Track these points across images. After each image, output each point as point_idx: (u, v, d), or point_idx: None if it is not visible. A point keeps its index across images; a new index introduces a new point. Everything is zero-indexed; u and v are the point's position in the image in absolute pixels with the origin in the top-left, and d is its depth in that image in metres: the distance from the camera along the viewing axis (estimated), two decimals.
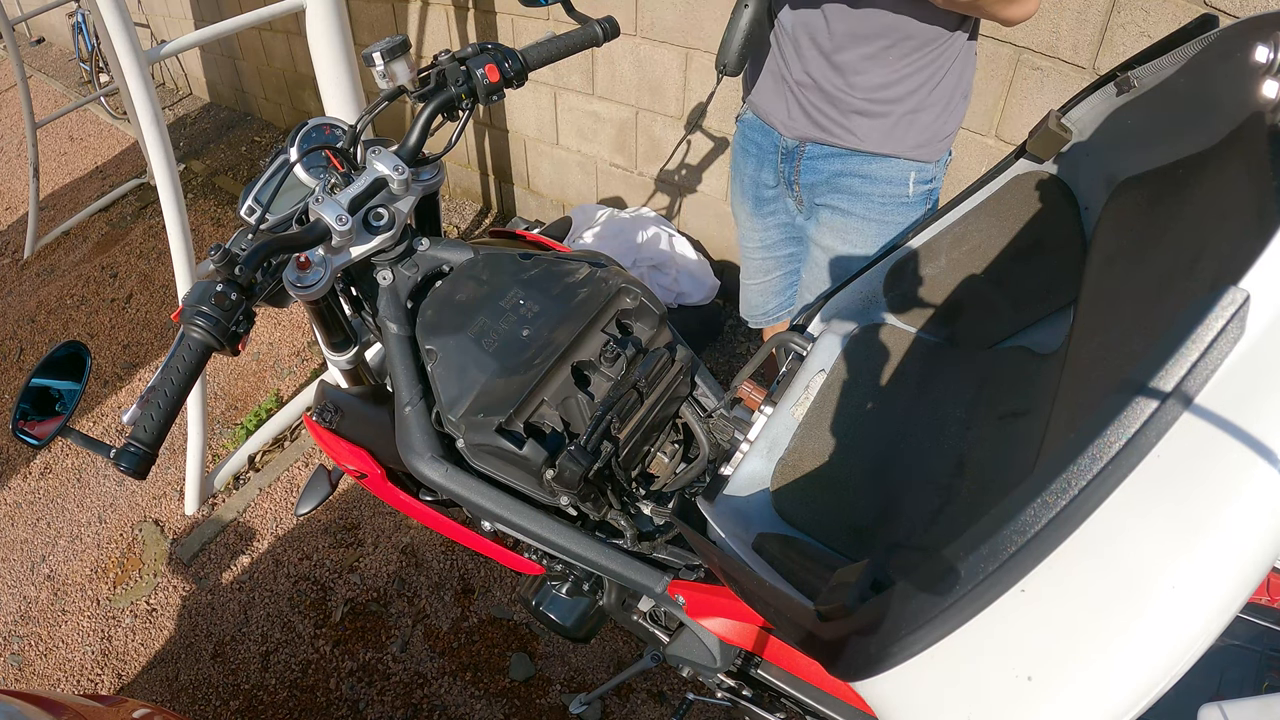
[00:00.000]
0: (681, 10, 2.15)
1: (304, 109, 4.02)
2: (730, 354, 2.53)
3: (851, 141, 1.26)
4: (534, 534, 1.00)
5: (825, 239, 1.39)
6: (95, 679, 1.97)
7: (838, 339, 1.11)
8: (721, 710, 1.68)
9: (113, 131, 4.87)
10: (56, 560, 2.26)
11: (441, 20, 2.90)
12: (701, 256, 2.54)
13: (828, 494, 0.98)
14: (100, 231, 3.82)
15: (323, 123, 1.12)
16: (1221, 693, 0.94)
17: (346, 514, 2.21)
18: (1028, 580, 0.49)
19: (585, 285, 1.03)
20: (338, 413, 1.16)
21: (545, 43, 1.14)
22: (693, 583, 1.00)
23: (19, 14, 4.86)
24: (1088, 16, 1.51)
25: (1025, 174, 1.01)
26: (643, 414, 0.99)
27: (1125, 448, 0.47)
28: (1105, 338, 0.76)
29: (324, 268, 0.97)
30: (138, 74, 1.65)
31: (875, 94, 1.20)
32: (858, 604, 0.58)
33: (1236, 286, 0.46)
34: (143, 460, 0.80)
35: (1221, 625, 0.46)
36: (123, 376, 2.88)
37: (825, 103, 1.24)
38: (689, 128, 2.37)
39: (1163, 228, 0.77)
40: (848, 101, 1.22)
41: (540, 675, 1.81)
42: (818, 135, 1.29)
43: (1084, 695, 0.48)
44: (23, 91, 3.41)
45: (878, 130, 1.24)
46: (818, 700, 1.06)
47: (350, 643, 1.93)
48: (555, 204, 3.05)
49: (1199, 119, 0.78)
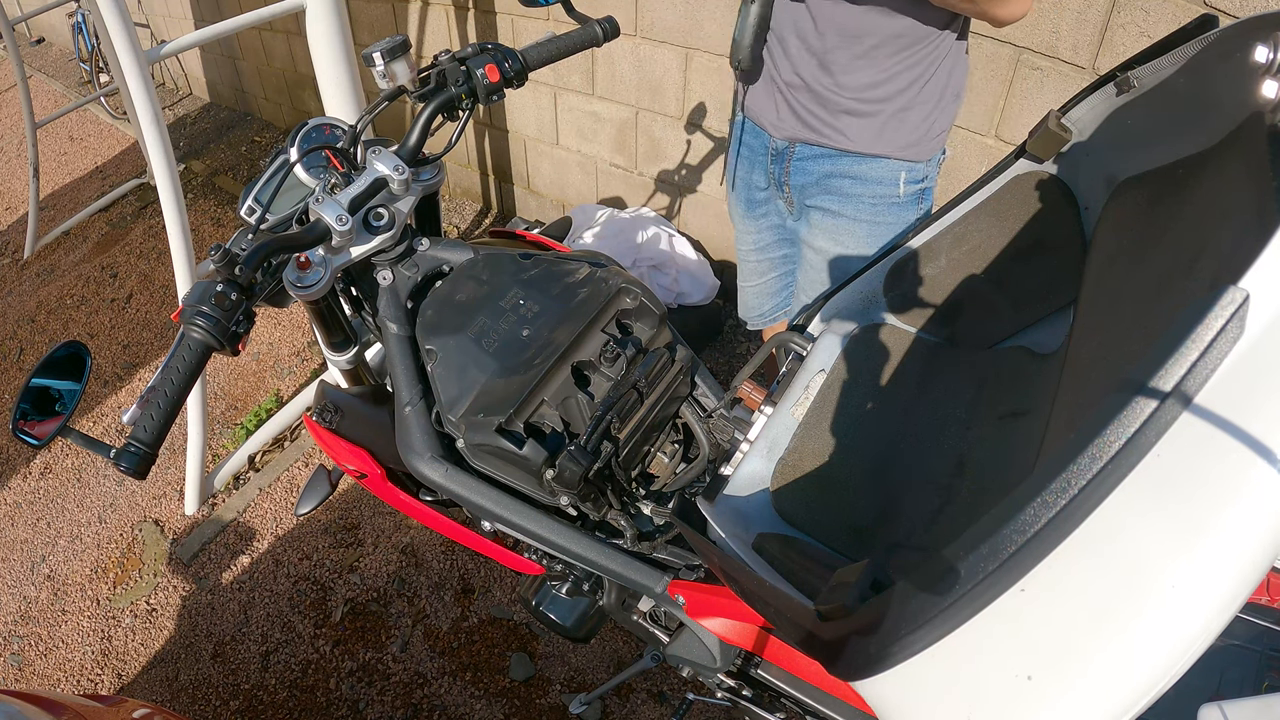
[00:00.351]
0: (681, 10, 2.15)
1: (304, 109, 4.02)
2: (730, 354, 2.53)
3: (841, 142, 1.26)
4: (534, 534, 1.00)
5: (817, 241, 1.39)
6: (95, 679, 1.97)
7: (838, 339, 1.11)
8: (721, 710, 1.68)
9: (113, 131, 4.87)
10: (56, 560, 2.26)
11: (441, 20, 2.90)
12: (701, 256, 2.54)
13: (828, 494, 0.98)
14: (100, 231, 3.82)
15: (323, 123, 1.12)
16: (1221, 693, 0.94)
17: (346, 514, 2.21)
18: (1028, 580, 0.49)
19: (585, 285, 1.03)
20: (338, 413, 1.16)
21: (545, 43, 1.14)
22: (693, 583, 1.00)
23: (19, 14, 4.86)
24: (1088, 16, 1.51)
25: (1025, 174, 1.01)
26: (643, 414, 0.99)
27: (1125, 447, 0.47)
28: (1105, 338, 0.76)
29: (324, 268, 0.97)
30: (138, 74, 1.65)
31: (864, 93, 1.20)
32: (858, 604, 0.58)
33: (1236, 286, 0.46)
34: (143, 460, 0.80)
35: (1221, 625, 0.46)
36: (123, 376, 2.88)
37: (814, 103, 1.24)
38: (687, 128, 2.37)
39: (1163, 228, 0.77)
40: (837, 101, 1.22)
41: (540, 675, 1.81)
42: (807, 136, 1.29)
43: (1084, 695, 0.48)
44: (23, 91, 3.41)
45: (867, 130, 1.24)
46: (818, 700, 1.06)
47: (350, 643, 1.93)
48: (555, 204, 3.05)
49: (1199, 119, 0.78)
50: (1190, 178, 0.77)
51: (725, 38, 2.13)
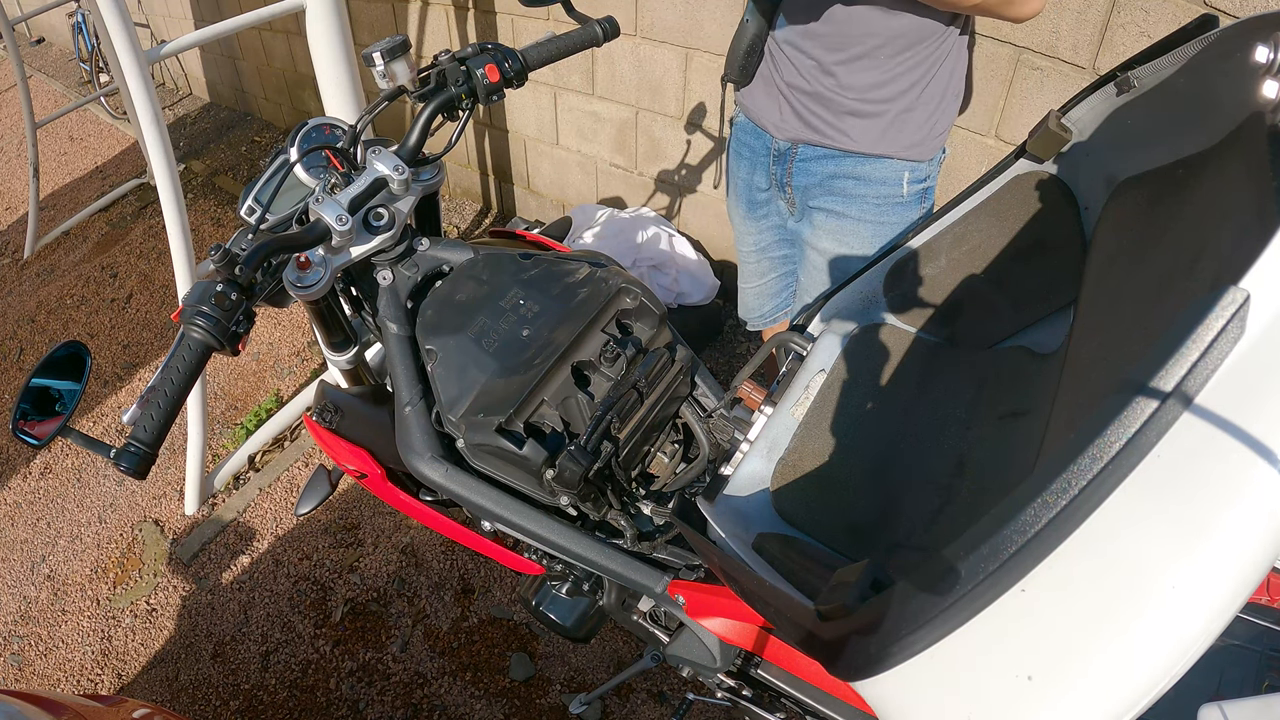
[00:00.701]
0: (681, 10, 2.15)
1: (304, 109, 4.02)
2: (730, 354, 2.53)
3: (845, 143, 1.26)
4: (534, 534, 1.00)
5: (821, 242, 1.38)
6: (95, 679, 1.97)
7: (838, 339, 1.11)
8: (721, 710, 1.68)
9: (113, 131, 4.87)
10: (56, 560, 2.26)
11: (441, 20, 2.90)
12: (701, 256, 2.54)
13: (828, 494, 0.98)
14: (100, 231, 3.82)
15: (323, 123, 1.12)
16: (1221, 693, 0.94)
17: (346, 514, 2.21)
18: (1028, 580, 0.49)
19: (585, 285, 1.03)
20: (338, 413, 1.16)
21: (545, 43, 1.14)
22: (693, 583, 1.00)
23: (19, 14, 4.86)
24: (1088, 16, 1.51)
25: (1025, 174, 1.01)
26: (643, 414, 0.99)
27: (1125, 448, 0.47)
28: (1105, 338, 0.76)
29: (324, 268, 0.97)
30: (138, 74, 1.65)
31: (868, 94, 1.20)
32: (858, 604, 0.58)
33: (1236, 286, 0.46)
34: (143, 460, 0.80)
35: (1221, 625, 0.46)
36: (123, 376, 2.88)
37: (817, 104, 1.25)
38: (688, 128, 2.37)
39: (1163, 228, 0.77)
40: (840, 102, 1.22)
41: (540, 675, 1.81)
42: (810, 137, 1.29)
43: (1084, 695, 0.48)
44: (23, 91, 3.41)
45: (871, 131, 1.24)
46: (818, 700, 1.06)
47: (350, 643, 1.93)
48: (555, 204, 3.05)
49: (1199, 119, 0.78)
50: (1190, 178, 0.77)
51: (725, 38, 2.12)
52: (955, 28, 1.17)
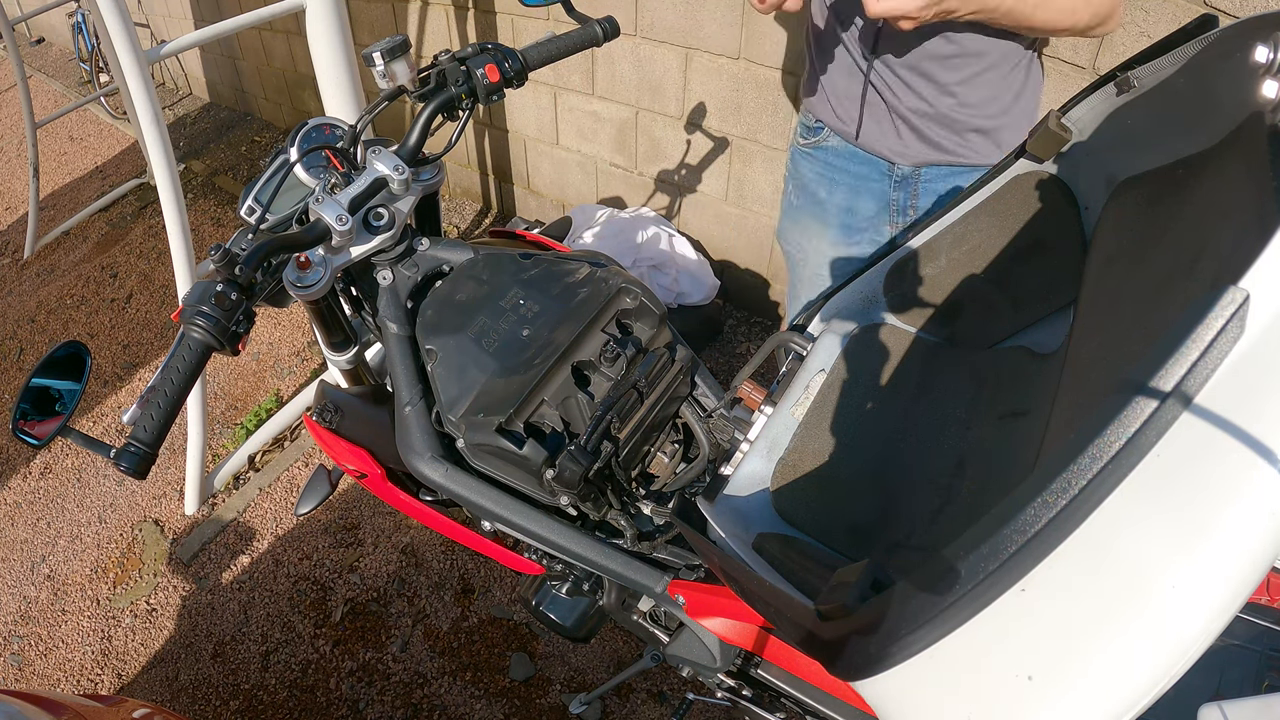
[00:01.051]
0: (681, 10, 2.15)
1: (304, 109, 4.02)
2: (730, 354, 2.53)
3: (971, 157, 1.31)
4: (534, 534, 1.00)
5: None
6: (95, 679, 1.97)
7: (838, 339, 1.11)
8: (721, 710, 1.68)
9: (113, 131, 4.87)
10: (56, 560, 2.26)
11: (441, 20, 2.90)
12: (701, 256, 2.54)
13: (828, 494, 0.98)
14: (100, 231, 3.82)
15: (323, 123, 1.12)
16: (1221, 693, 0.94)
17: (346, 514, 2.21)
18: (1028, 580, 0.49)
19: (585, 285, 1.03)
20: (338, 413, 1.16)
21: (545, 43, 1.14)
22: (693, 583, 1.00)
23: (19, 14, 4.86)
24: None
25: (1025, 174, 1.01)
26: (643, 414, 0.99)
27: (1125, 448, 0.47)
28: (1105, 338, 0.76)
29: (324, 268, 0.97)
30: (138, 74, 1.65)
31: (986, 108, 1.26)
32: (858, 604, 0.58)
33: (1236, 286, 0.46)
34: (143, 460, 0.80)
35: (1221, 625, 0.46)
36: (123, 376, 2.88)
37: (941, 126, 1.28)
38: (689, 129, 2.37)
39: (1163, 228, 0.77)
40: (965, 121, 1.27)
41: (540, 675, 1.82)
42: (937, 158, 1.32)
43: (1084, 695, 0.48)
44: (23, 91, 3.41)
45: (990, 143, 1.30)
46: (818, 700, 1.06)
47: (350, 643, 1.93)
48: (555, 204, 3.05)
49: (1199, 119, 0.78)
50: (1190, 178, 0.77)
51: (725, 38, 2.14)
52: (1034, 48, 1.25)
